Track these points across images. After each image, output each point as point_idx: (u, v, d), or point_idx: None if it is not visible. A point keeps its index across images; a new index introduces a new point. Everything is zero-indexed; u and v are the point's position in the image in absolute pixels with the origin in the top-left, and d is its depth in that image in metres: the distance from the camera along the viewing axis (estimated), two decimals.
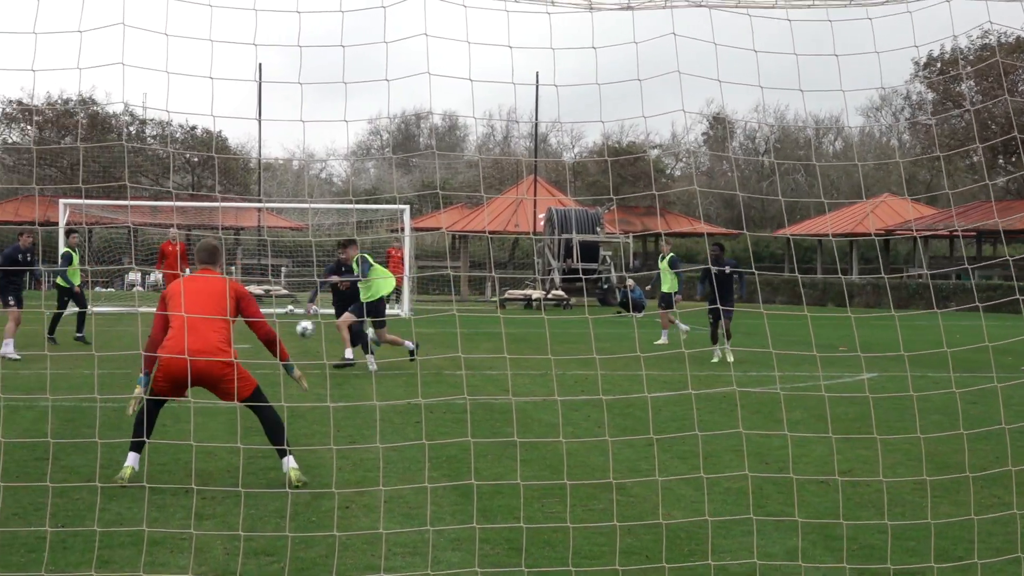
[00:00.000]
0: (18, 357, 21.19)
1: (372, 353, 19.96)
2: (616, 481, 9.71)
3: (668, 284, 26.64)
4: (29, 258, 23.34)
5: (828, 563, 7.95)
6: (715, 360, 22.62)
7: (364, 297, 19.88)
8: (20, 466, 10.82)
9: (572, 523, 8.45)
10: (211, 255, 11.16)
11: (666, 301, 26.96)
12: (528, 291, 51.25)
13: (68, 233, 26.00)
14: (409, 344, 19.99)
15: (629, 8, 8.79)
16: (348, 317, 19.94)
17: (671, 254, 26.75)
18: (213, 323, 10.36)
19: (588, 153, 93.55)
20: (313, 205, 65.17)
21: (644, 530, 8.63)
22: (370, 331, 20.42)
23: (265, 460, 11.26)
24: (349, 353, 20.18)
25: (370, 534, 8.43)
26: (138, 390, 10.63)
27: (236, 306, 10.68)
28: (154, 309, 10.80)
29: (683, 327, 26.12)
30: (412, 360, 19.73)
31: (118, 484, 9.98)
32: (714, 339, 23.00)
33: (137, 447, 10.36)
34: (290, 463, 10.30)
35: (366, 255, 21.14)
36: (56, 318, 24.88)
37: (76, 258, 25.08)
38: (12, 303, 22.19)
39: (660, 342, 27.26)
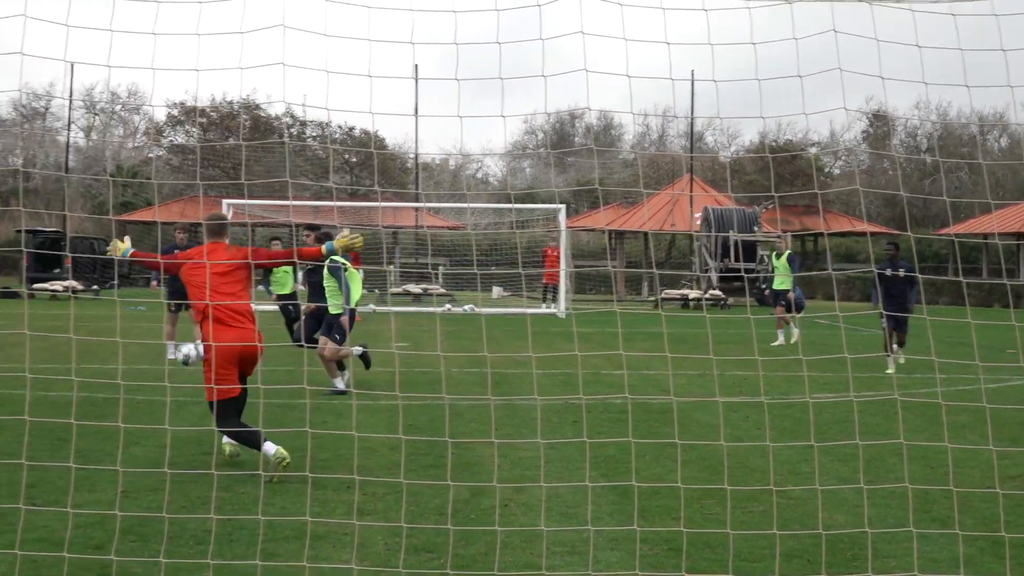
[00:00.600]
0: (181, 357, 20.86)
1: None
2: (776, 488, 9.57)
3: (782, 282, 26.24)
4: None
5: (997, 572, 7.74)
6: (889, 371, 20.35)
7: (335, 308, 17.06)
8: (188, 460, 11.08)
9: (732, 526, 8.37)
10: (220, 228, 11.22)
11: (783, 300, 26.47)
12: (685, 291, 50.94)
13: (271, 240, 24.59)
14: (339, 384, 17.05)
15: (787, 3, 8.66)
16: (332, 348, 17.02)
17: (788, 251, 26.42)
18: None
19: (745, 151, 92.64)
20: (470, 205, 65.59)
21: (805, 534, 8.50)
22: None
23: (425, 457, 11.36)
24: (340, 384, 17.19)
25: (530, 532, 8.45)
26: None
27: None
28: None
29: (795, 330, 25.70)
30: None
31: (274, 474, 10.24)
32: (887, 348, 20.83)
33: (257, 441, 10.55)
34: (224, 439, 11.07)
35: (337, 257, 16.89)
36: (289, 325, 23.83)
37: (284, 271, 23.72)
38: (174, 308, 21.51)
39: (777, 343, 26.43)
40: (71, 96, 69.56)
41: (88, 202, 76.45)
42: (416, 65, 51.05)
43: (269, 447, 10.39)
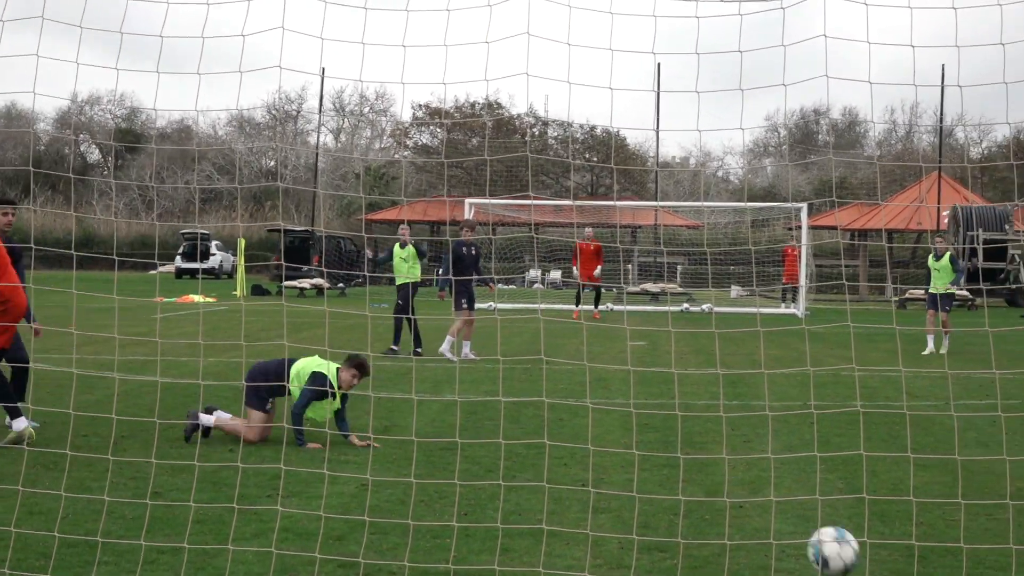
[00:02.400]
0: (453, 359, 20.75)
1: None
2: (1014, 502, 9.23)
3: (942, 284, 24.74)
4: (475, 251, 22.19)
5: None
6: None
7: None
8: (427, 456, 11.32)
9: (975, 533, 8.15)
10: None
11: (947, 305, 24.86)
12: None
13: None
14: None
15: None
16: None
17: (949, 251, 25.04)
18: None
19: (996, 148, 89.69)
20: (709, 204, 65.18)
21: None
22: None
23: (657, 458, 11.36)
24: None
25: (764, 534, 8.38)
26: None
27: None
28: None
29: (945, 343, 24.49)
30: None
31: None
32: None
33: None
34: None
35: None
36: None
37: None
38: (464, 304, 21.44)
39: (927, 352, 24.02)
40: (321, 99, 71.73)
41: (336, 202, 78.66)
42: (659, 64, 50.84)
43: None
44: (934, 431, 13.58)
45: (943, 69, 48.51)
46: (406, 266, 22.36)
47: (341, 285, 51.39)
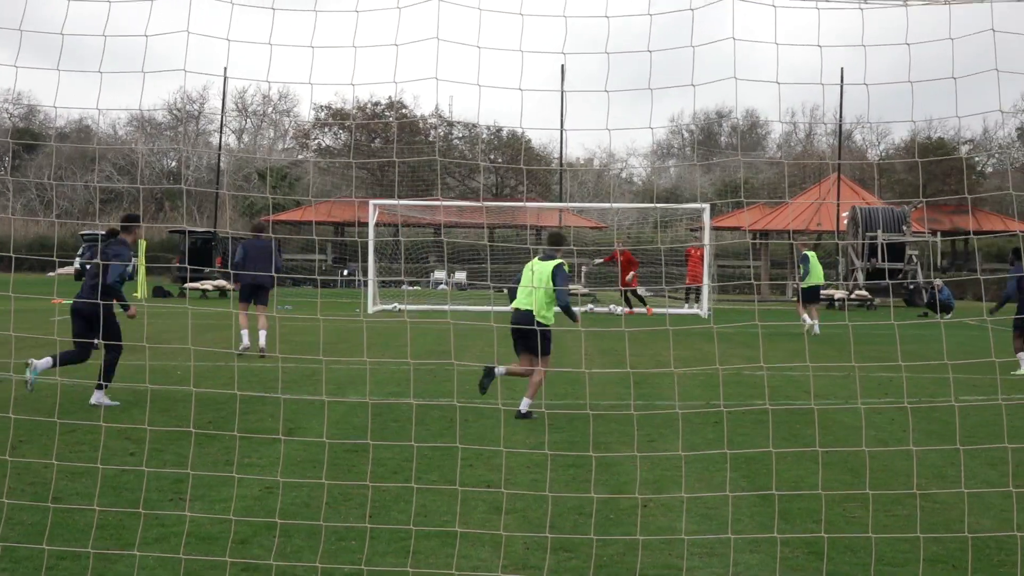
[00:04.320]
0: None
1: None
2: (920, 492, 9.40)
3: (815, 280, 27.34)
4: (267, 249, 21.73)
5: None
6: (1019, 372, 20.06)
7: None
8: (330, 457, 11.27)
9: (875, 529, 8.27)
10: None
11: (813, 296, 27.27)
12: (831, 291, 50.31)
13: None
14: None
15: (947, 3, 8.52)
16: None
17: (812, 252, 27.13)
18: None
19: (895, 150, 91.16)
20: (614, 205, 65.52)
21: (950, 538, 8.36)
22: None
23: (565, 458, 11.40)
24: None
25: (669, 533, 8.45)
26: None
27: None
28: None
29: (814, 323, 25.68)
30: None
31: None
32: (1016, 349, 20.40)
33: None
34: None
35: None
36: None
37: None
38: (254, 301, 21.53)
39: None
40: (224, 99, 71.06)
41: (239, 203, 78.00)
42: (563, 66, 51.07)
43: None
44: (834, 429, 13.77)
45: (842, 72, 49.16)
46: None
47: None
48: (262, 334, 21.01)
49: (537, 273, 14.49)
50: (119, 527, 8.46)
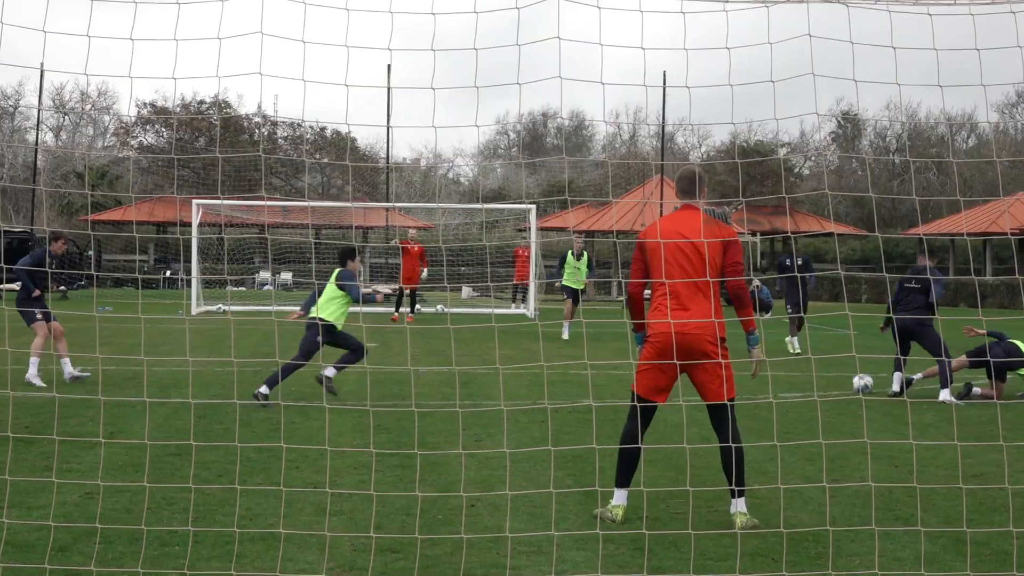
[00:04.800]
0: (41, 383, 17.34)
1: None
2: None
3: (581, 280, 28.50)
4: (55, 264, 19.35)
5: (959, 569, 7.80)
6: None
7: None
8: (153, 460, 11.05)
9: (699, 525, 8.41)
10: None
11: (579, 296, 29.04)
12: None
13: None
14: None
15: (765, 5, 8.69)
16: None
17: (586, 252, 28.70)
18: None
19: (715, 152, 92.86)
20: (441, 205, 65.59)
21: (770, 532, 8.55)
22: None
23: (392, 458, 11.37)
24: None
25: (497, 531, 8.48)
26: None
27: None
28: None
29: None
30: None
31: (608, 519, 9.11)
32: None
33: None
34: (739, 506, 9.11)
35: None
36: None
37: None
38: (39, 317, 17.93)
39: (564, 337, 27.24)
40: (40, 95, 69.24)
41: (56, 202, 76.09)
42: (389, 65, 50.93)
43: None
44: (658, 427, 13.95)
45: (664, 74, 49.92)
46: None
47: (63, 288, 49.78)
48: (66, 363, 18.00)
49: (329, 284, 15.98)
50: None
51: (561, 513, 9.15)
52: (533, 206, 42.26)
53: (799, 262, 25.34)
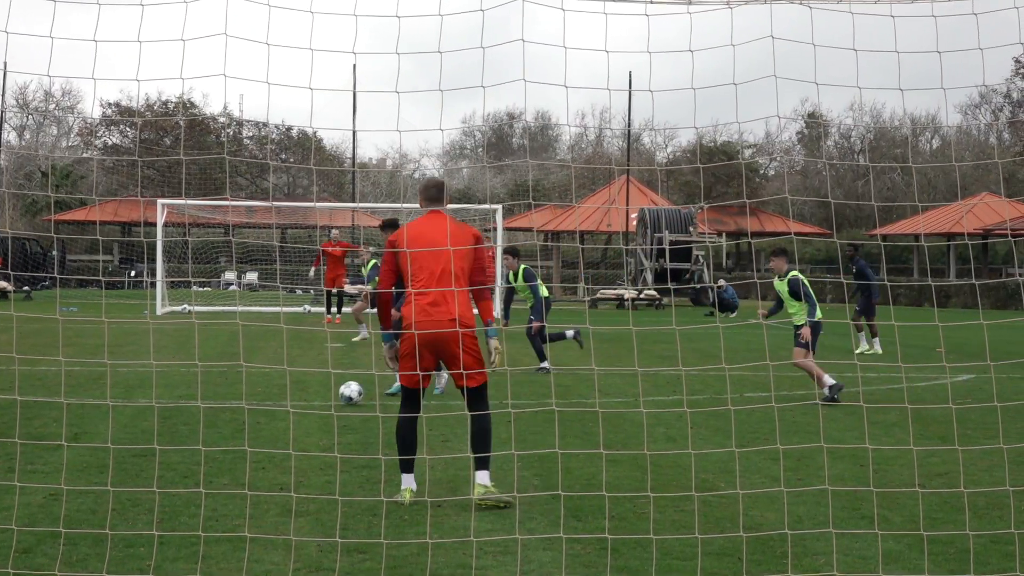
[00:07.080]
0: None
1: None
2: (699, 494, 9.61)
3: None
4: None
5: (921, 568, 7.84)
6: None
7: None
8: (118, 462, 11.00)
9: (665, 524, 8.43)
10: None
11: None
12: (621, 291, 51.13)
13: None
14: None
15: (728, 7, 8.72)
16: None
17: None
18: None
19: (681, 153, 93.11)
20: (406, 206, 65.52)
21: (737, 531, 8.57)
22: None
23: (359, 460, 11.35)
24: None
25: (463, 533, 8.48)
26: None
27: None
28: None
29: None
30: None
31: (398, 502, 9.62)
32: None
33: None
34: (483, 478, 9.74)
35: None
36: None
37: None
38: None
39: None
40: (3, 94, 68.86)
41: (20, 202, 75.65)
42: (355, 66, 50.85)
43: None
44: (624, 427, 14.00)
45: (630, 76, 50.08)
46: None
47: (27, 288, 49.50)
48: None
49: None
50: None
51: (528, 513, 9.16)
52: (499, 206, 42.28)
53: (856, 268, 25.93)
